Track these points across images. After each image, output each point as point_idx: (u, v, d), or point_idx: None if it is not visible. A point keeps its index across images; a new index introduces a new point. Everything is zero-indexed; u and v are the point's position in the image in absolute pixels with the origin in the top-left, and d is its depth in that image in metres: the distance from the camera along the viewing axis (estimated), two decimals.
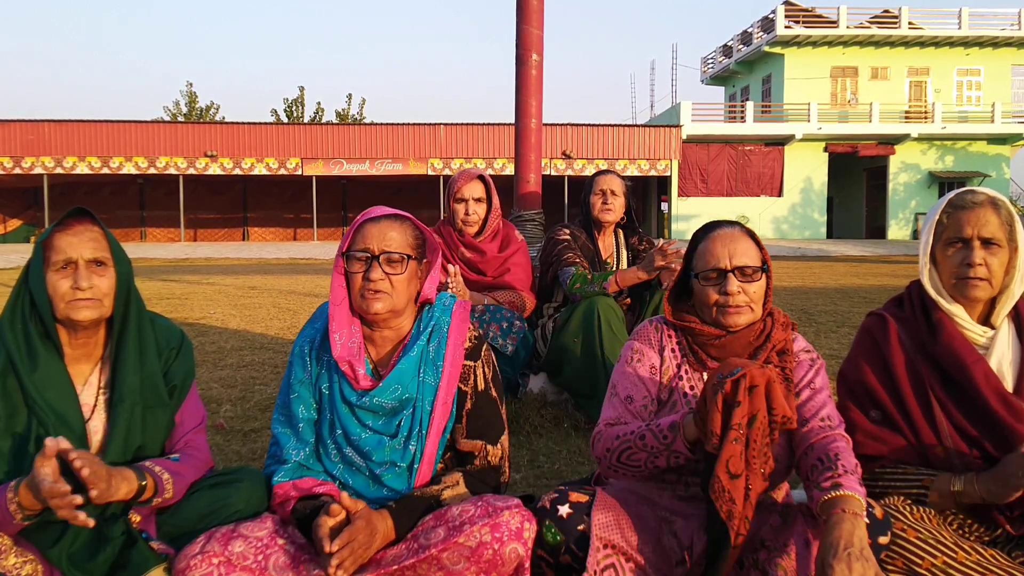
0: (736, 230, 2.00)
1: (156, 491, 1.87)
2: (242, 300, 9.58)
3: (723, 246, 1.96)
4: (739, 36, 37.58)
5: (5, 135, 29.24)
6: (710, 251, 1.98)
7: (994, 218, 1.98)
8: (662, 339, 2.06)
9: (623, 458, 1.88)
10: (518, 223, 4.73)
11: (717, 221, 2.06)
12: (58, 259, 1.86)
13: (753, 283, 1.95)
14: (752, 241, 2.00)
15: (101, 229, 1.93)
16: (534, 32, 4.74)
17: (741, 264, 1.94)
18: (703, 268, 1.98)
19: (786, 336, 2.00)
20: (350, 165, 31.28)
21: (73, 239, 1.88)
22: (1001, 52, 34.32)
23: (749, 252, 1.97)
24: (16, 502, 1.71)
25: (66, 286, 1.86)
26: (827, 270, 16.37)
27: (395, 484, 1.99)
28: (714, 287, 1.96)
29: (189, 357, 2.10)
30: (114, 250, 1.94)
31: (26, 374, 1.85)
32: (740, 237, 1.98)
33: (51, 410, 1.85)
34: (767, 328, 1.98)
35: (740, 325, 1.95)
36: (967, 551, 1.82)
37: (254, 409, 4.09)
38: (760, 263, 1.97)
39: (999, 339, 2.00)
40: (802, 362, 2.01)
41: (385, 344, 2.04)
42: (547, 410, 3.74)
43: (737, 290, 1.93)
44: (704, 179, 33.15)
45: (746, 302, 1.94)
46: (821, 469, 1.78)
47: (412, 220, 2.05)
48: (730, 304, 1.94)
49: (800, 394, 1.96)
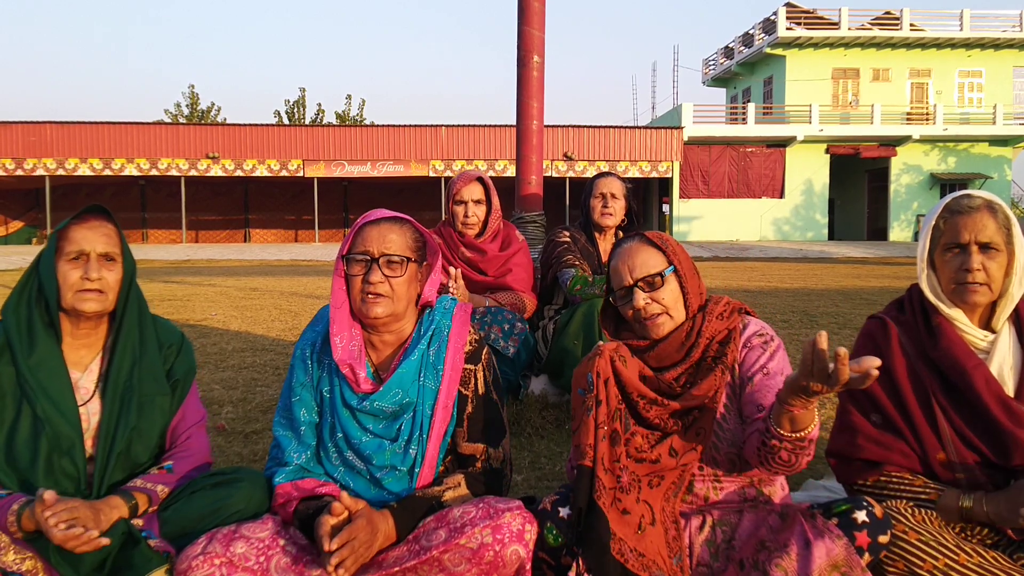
0: (635, 242, 2.03)
1: (150, 502, 1.94)
2: (244, 302, 9.59)
3: (623, 263, 2.00)
4: (740, 38, 37.58)
5: (7, 137, 29.28)
6: (615, 270, 2.03)
7: (991, 222, 1.97)
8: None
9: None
10: (519, 224, 4.73)
11: (625, 237, 2.09)
12: (71, 249, 1.96)
13: (660, 290, 1.96)
14: (653, 248, 2.01)
15: (115, 226, 2.03)
16: (535, 34, 4.74)
17: (642, 275, 1.96)
18: (614, 287, 2.03)
19: (728, 325, 1.99)
20: (351, 167, 31.29)
21: (88, 232, 1.97)
22: (1003, 54, 34.30)
23: (649, 261, 1.98)
24: (18, 524, 1.78)
25: (76, 276, 1.95)
26: (829, 272, 16.35)
27: (396, 488, 1.99)
28: (626, 304, 1.99)
29: (190, 355, 2.17)
30: (124, 247, 2.04)
31: (23, 358, 1.93)
32: (638, 249, 2.01)
33: (43, 392, 1.92)
34: (696, 324, 1.98)
35: (661, 334, 1.97)
36: (969, 553, 1.82)
37: (255, 411, 4.09)
38: (664, 267, 1.98)
39: (1000, 343, 2.00)
40: (754, 347, 1.99)
41: (386, 348, 2.05)
42: (548, 412, 3.74)
43: (644, 302, 1.95)
44: (705, 181, 33.13)
45: (661, 310, 1.96)
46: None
47: (412, 223, 2.06)
48: (644, 317, 1.96)
49: (752, 379, 1.95)
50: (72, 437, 1.92)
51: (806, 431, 1.72)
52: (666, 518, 1.91)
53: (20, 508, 1.79)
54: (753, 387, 1.94)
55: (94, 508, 1.81)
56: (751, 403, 1.92)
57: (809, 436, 1.73)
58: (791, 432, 1.72)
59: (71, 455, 1.91)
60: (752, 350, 1.99)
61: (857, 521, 1.79)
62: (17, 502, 1.80)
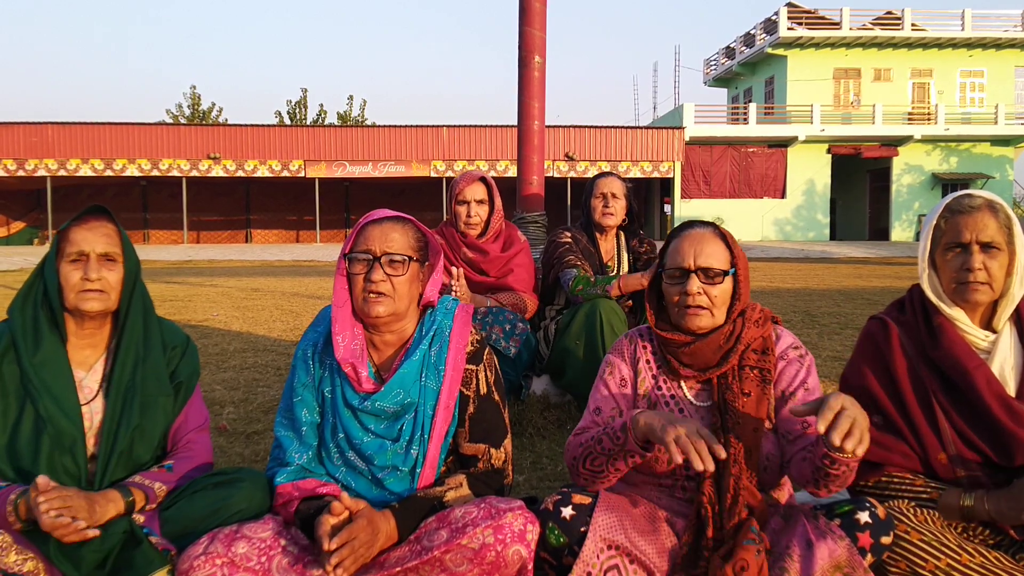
0: (707, 231, 1.99)
1: (147, 500, 1.94)
2: (245, 302, 9.60)
3: (690, 246, 1.96)
4: (742, 38, 37.56)
5: (9, 138, 29.32)
6: (677, 249, 1.98)
7: (992, 222, 1.97)
8: (636, 351, 2.07)
9: (587, 464, 1.91)
10: (520, 225, 4.73)
11: (692, 221, 2.05)
12: (72, 251, 1.98)
13: (716, 286, 1.93)
14: (723, 243, 1.98)
15: (115, 226, 2.04)
16: (536, 34, 4.74)
17: (705, 265, 1.93)
18: (669, 266, 1.99)
19: (763, 332, 1.98)
20: (353, 167, 31.30)
21: (88, 233, 1.99)
22: (1004, 53, 34.27)
23: (716, 254, 1.95)
24: (15, 514, 1.79)
25: (77, 277, 1.96)
26: (830, 272, 16.35)
27: (397, 488, 1.99)
28: (677, 285, 1.95)
29: (194, 358, 2.18)
30: (125, 247, 2.05)
31: (27, 356, 1.95)
32: (709, 238, 1.97)
33: (46, 391, 1.93)
34: (736, 330, 1.96)
35: (700, 328, 1.94)
36: (971, 553, 1.82)
37: (257, 411, 4.09)
38: (728, 266, 1.96)
39: (1001, 343, 2.00)
40: (791, 360, 1.98)
41: (387, 347, 2.04)
42: (550, 412, 3.74)
43: (697, 291, 1.92)
44: (707, 181, 33.13)
45: (707, 304, 1.93)
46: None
47: (414, 222, 2.05)
48: (689, 304, 1.93)
49: (795, 395, 1.94)
50: (74, 435, 1.93)
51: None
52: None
53: (17, 497, 1.80)
54: (796, 403, 1.93)
55: (89, 499, 1.82)
56: (794, 419, 1.90)
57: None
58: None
59: (72, 453, 1.92)
60: (790, 364, 1.98)
61: (860, 522, 1.78)
62: (15, 491, 1.82)
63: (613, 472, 1.89)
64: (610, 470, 1.88)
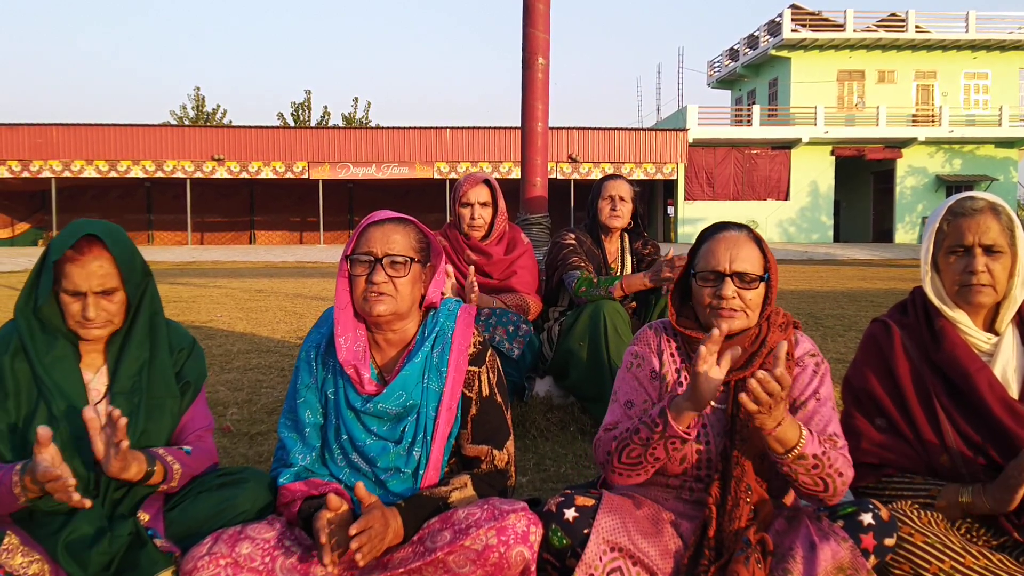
0: (743, 234, 1.97)
1: (165, 478, 1.92)
2: (249, 303, 9.61)
3: (726, 249, 1.94)
4: (745, 40, 37.54)
5: (13, 139, 29.38)
6: (712, 252, 1.96)
7: (995, 224, 1.97)
8: (661, 343, 2.06)
9: (624, 457, 1.89)
10: (524, 227, 4.73)
11: (726, 222, 2.03)
12: (68, 287, 1.93)
13: (750, 291, 1.92)
14: (757, 248, 1.97)
15: (109, 254, 1.96)
16: (540, 36, 4.75)
17: (741, 270, 1.92)
18: (703, 268, 1.96)
19: (785, 337, 1.97)
20: (356, 169, 31.33)
21: (81, 271, 1.92)
22: (1009, 55, 34.20)
23: (751, 259, 1.94)
24: (21, 484, 1.78)
25: (76, 308, 1.94)
26: (834, 274, 16.33)
27: (400, 490, 1.99)
28: (710, 289, 1.94)
29: (201, 360, 2.17)
30: (123, 270, 1.97)
31: (37, 356, 1.94)
32: (745, 242, 1.96)
33: (59, 391, 1.93)
34: (762, 333, 1.96)
35: (732, 330, 1.93)
36: (975, 556, 1.82)
37: (260, 412, 4.10)
38: (762, 272, 1.94)
39: (1003, 345, 1.99)
40: (806, 367, 1.97)
41: (390, 349, 2.05)
42: (553, 414, 3.74)
43: (732, 295, 1.91)
44: (710, 183, 33.09)
45: (741, 307, 1.92)
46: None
47: (416, 224, 2.06)
48: (723, 308, 1.92)
49: (806, 404, 1.93)
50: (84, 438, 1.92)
51: (797, 447, 1.75)
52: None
53: (23, 467, 1.78)
54: (806, 412, 1.92)
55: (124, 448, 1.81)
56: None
57: (801, 451, 1.76)
58: (784, 452, 1.76)
59: (81, 455, 1.92)
60: (805, 370, 1.97)
61: (863, 523, 1.78)
62: (21, 463, 1.81)
63: (651, 462, 1.88)
64: (648, 460, 1.87)
